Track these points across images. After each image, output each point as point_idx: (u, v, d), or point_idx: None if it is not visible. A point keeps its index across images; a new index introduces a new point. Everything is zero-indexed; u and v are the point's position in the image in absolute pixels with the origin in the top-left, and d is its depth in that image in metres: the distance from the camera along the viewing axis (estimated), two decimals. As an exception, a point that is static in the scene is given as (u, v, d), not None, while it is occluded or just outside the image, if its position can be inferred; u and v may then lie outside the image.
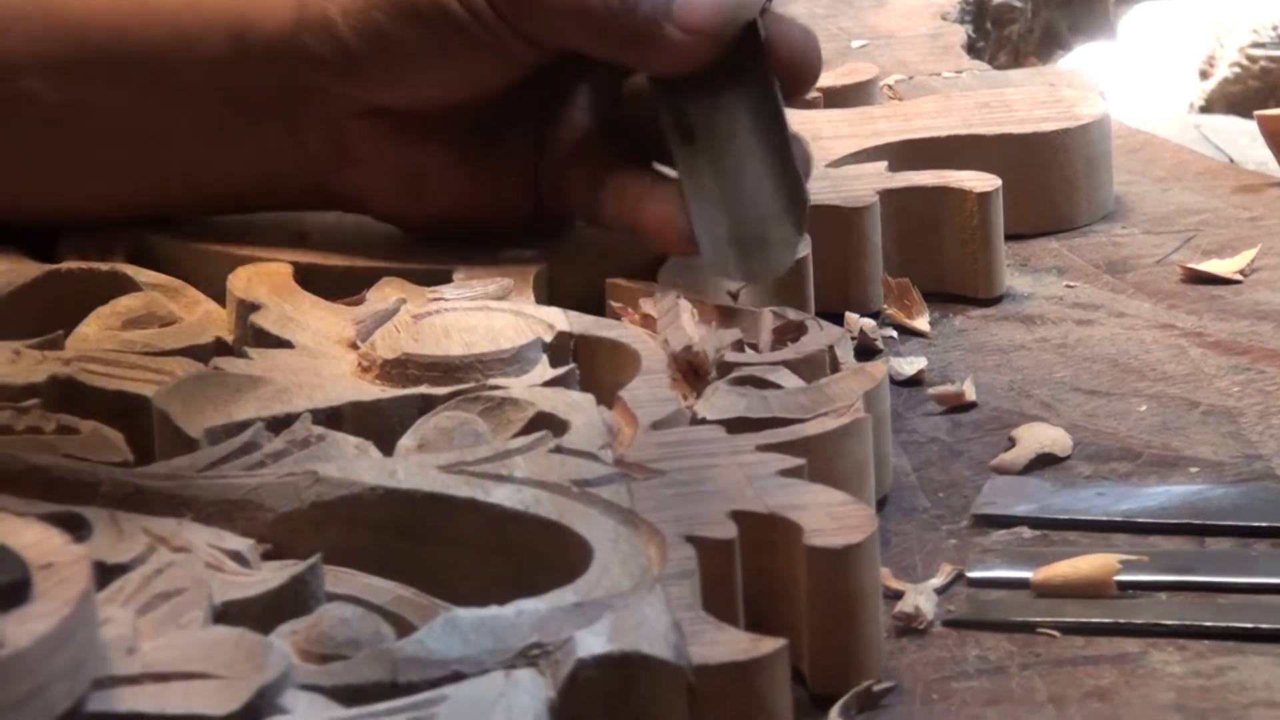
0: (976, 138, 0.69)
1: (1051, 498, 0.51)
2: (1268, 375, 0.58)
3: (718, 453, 0.47)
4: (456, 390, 0.50)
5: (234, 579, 0.42)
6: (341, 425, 0.49)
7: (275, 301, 0.55)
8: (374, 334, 0.53)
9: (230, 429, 0.48)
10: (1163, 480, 0.52)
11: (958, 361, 0.60)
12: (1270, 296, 0.63)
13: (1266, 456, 0.53)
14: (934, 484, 0.53)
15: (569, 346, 0.53)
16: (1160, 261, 0.66)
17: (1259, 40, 2.31)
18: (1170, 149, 0.77)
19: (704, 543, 0.43)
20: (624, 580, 0.41)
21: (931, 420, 0.56)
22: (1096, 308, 0.63)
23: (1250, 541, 0.49)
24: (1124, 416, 0.56)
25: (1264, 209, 0.70)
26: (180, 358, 0.52)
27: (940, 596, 0.47)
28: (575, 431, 0.48)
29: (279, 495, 0.45)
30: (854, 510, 0.45)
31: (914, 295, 0.63)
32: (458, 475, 0.45)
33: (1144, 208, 0.71)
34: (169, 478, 0.46)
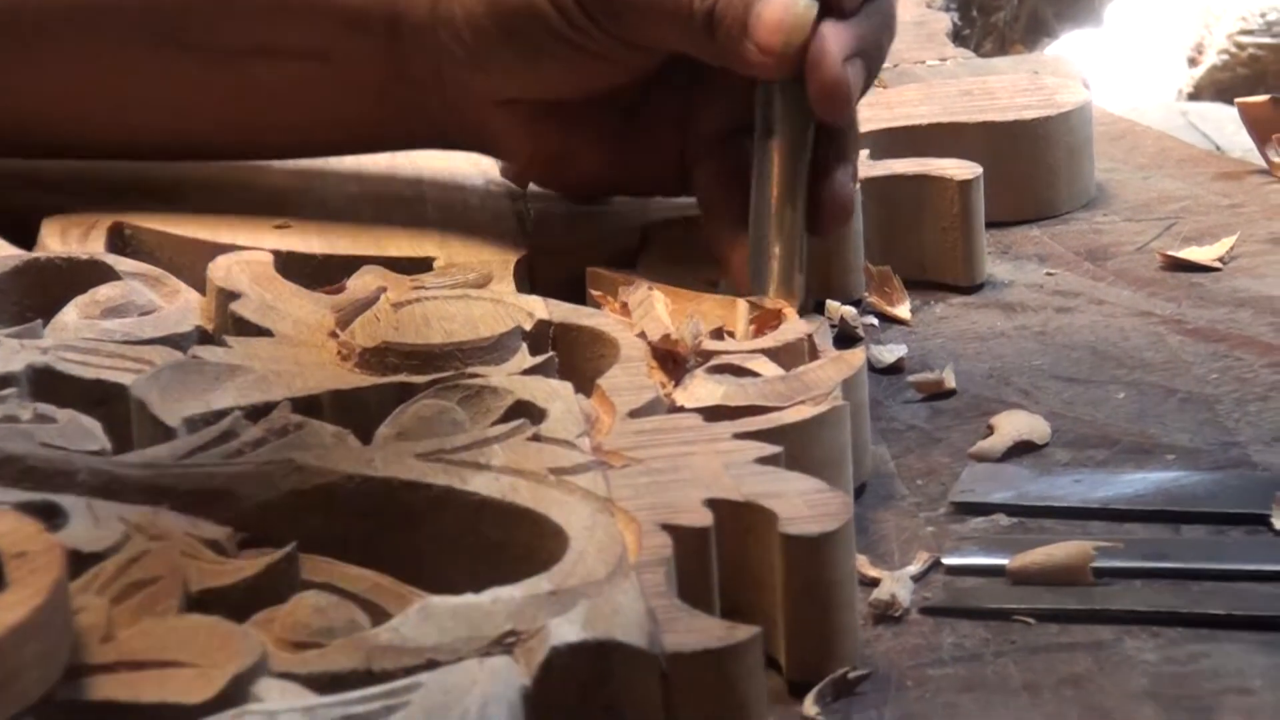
0: (958, 125, 0.69)
1: (1029, 485, 0.51)
2: (1245, 363, 0.58)
3: (695, 440, 0.47)
4: (436, 378, 0.50)
5: (210, 567, 0.42)
6: (320, 414, 0.49)
7: (255, 290, 0.55)
8: (354, 322, 0.53)
9: (209, 417, 0.48)
10: (1139, 467, 0.52)
11: (938, 349, 0.60)
12: (1249, 284, 0.63)
13: (1243, 444, 0.53)
14: (912, 471, 0.53)
15: (548, 335, 0.53)
16: (1140, 249, 0.66)
17: (1247, 27, 2.31)
18: (1152, 136, 0.77)
19: (680, 530, 0.43)
20: (599, 568, 0.42)
21: (911, 408, 0.56)
22: (1076, 295, 0.63)
23: (1225, 528, 0.49)
24: (1102, 404, 0.56)
25: (1245, 196, 0.70)
26: (159, 346, 0.52)
27: (916, 584, 0.47)
28: (553, 419, 0.48)
29: (256, 484, 0.45)
30: (830, 498, 0.45)
31: (895, 283, 0.63)
32: (435, 463, 0.46)
33: (1125, 195, 0.71)
34: (146, 466, 0.46)
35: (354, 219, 0.61)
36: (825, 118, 0.55)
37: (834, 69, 0.54)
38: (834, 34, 0.54)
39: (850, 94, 0.54)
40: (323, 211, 0.62)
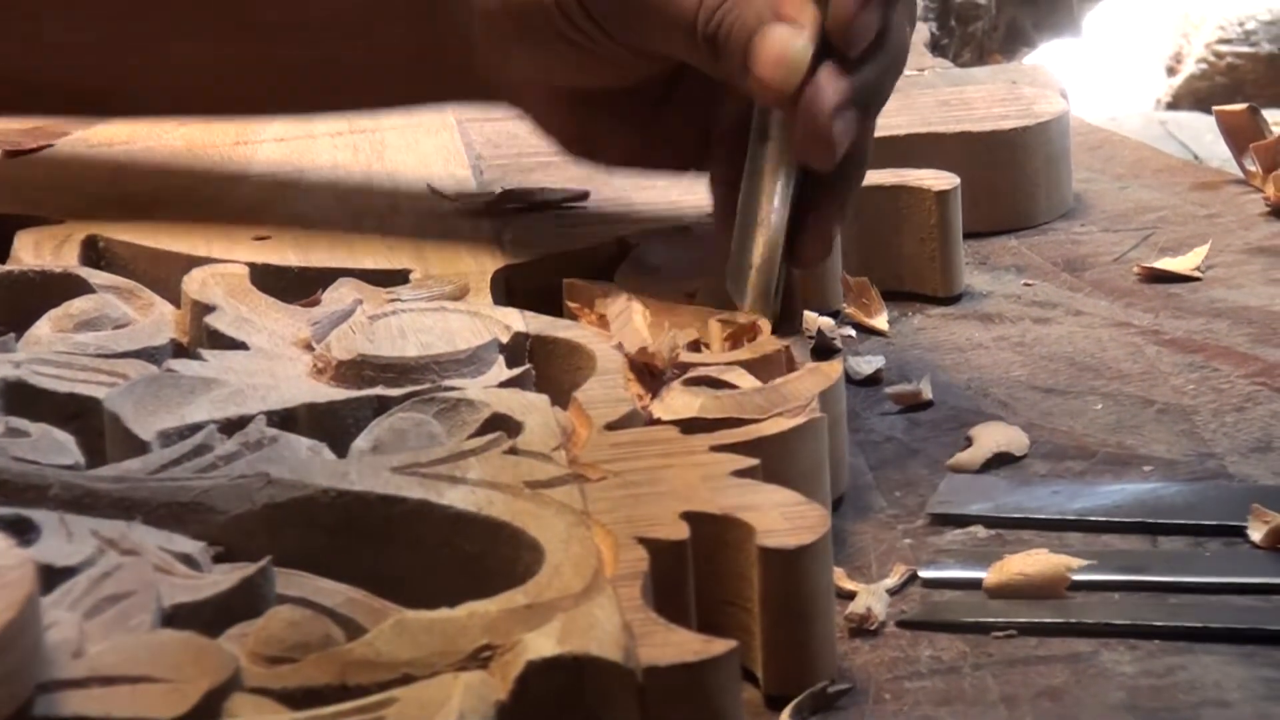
0: (936, 136, 0.69)
1: (1006, 496, 0.51)
2: (1221, 373, 0.58)
3: (672, 453, 0.47)
4: (412, 391, 0.50)
5: (183, 582, 0.42)
6: (296, 427, 0.49)
7: (230, 303, 0.55)
8: (330, 335, 0.53)
9: (183, 431, 0.48)
10: (1117, 479, 0.52)
11: (916, 360, 0.60)
12: (1226, 294, 0.63)
13: (1219, 455, 0.53)
14: (890, 483, 0.53)
15: (525, 347, 0.53)
16: (1118, 259, 0.66)
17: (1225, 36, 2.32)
18: (1130, 146, 0.77)
19: (656, 544, 0.43)
20: (575, 582, 0.41)
21: (889, 419, 0.56)
22: (1054, 306, 0.63)
23: (1203, 540, 0.49)
24: (1080, 415, 0.56)
25: (1221, 206, 0.70)
26: (133, 360, 0.52)
27: (893, 597, 0.47)
28: (530, 432, 0.48)
29: (231, 498, 0.45)
30: (807, 511, 0.45)
31: (873, 294, 0.63)
32: (411, 477, 0.45)
33: (1103, 205, 0.71)
34: (119, 480, 0.45)
35: (330, 231, 0.61)
36: (809, 164, 0.53)
37: (819, 119, 0.52)
38: (829, 81, 0.52)
39: (833, 145, 0.52)
40: (299, 224, 0.61)
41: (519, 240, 0.60)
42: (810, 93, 0.52)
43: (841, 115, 0.52)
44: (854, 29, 0.52)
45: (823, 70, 0.52)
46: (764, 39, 0.52)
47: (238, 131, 0.70)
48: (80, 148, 0.69)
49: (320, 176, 0.66)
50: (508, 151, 0.68)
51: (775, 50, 0.52)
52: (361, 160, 0.67)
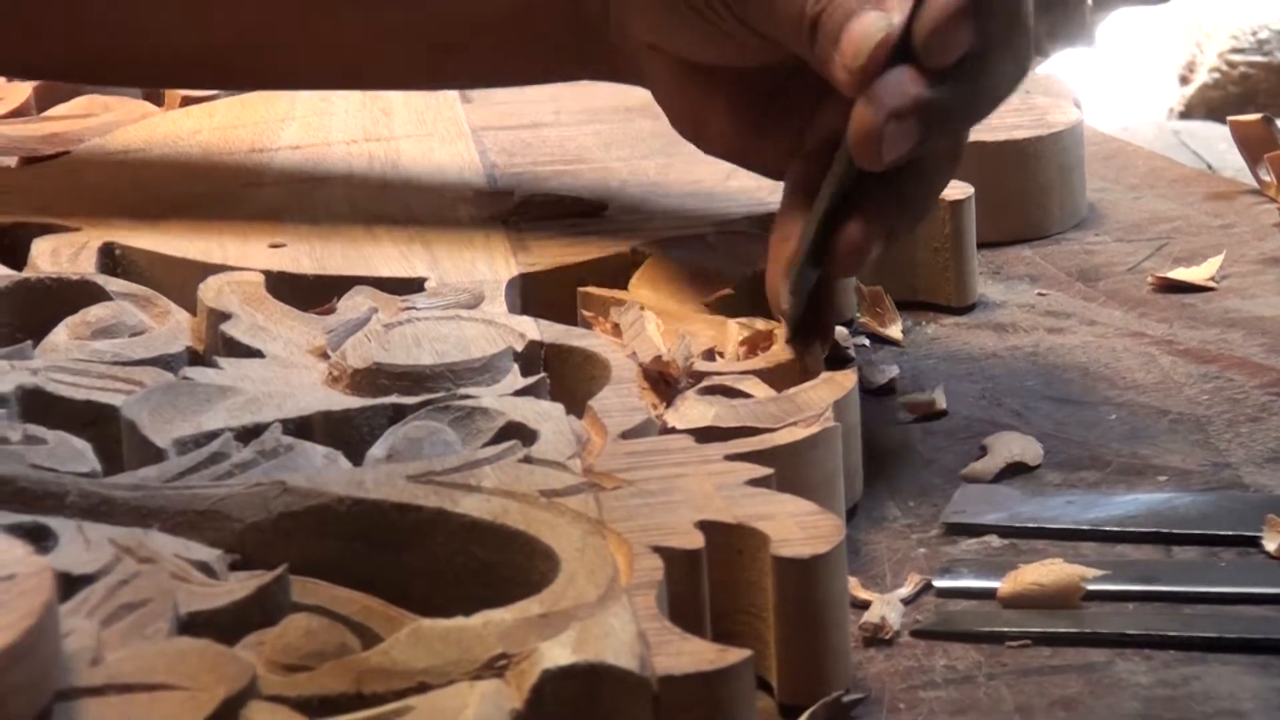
0: (949, 146, 0.69)
1: (1021, 506, 0.51)
2: (1236, 384, 0.58)
3: (686, 462, 0.47)
4: (427, 400, 0.50)
5: (200, 590, 0.42)
6: (312, 435, 0.49)
7: (246, 311, 0.55)
8: (345, 343, 0.53)
9: (199, 439, 0.48)
10: (1131, 489, 0.52)
11: (930, 370, 0.60)
12: (1240, 304, 0.63)
13: (1234, 465, 0.53)
14: (904, 493, 0.53)
15: (540, 355, 0.53)
16: (1132, 269, 0.66)
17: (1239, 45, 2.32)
18: (1143, 156, 0.77)
19: (671, 553, 0.43)
20: (590, 591, 0.41)
21: (903, 429, 0.56)
22: (1068, 316, 0.63)
23: (1217, 550, 0.49)
24: (1094, 425, 0.56)
25: (1236, 216, 0.70)
26: (150, 367, 0.52)
27: (907, 607, 0.47)
28: (544, 441, 0.48)
29: (247, 506, 0.45)
30: (822, 520, 0.45)
31: (887, 303, 0.63)
32: (426, 485, 0.45)
33: (1117, 215, 0.71)
34: (136, 488, 0.45)
35: (345, 239, 0.61)
36: (856, 158, 0.52)
37: (873, 114, 0.50)
38: (898, 80, 0.50)
39: (879, 144, 0.50)
40: (314, 232, 0.62)
41: (534, 249, 0.60)
42: (875, 86, 0.51)
43: (900, 119, 0.50)
44: (936, 37, 0.50)
45: (896, 69, 0.51)
46: (854, 22, 0.51)
47: (253, 139, 0.70)
48: (97, 155, 0.70)
49: (335, 185, 0.66)
50: (522, 160, 0.68)
51: (858, 31, 0.51)
52: (376, 169, 0.67)
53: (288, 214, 0.63)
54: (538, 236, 0.61)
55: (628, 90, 0.75)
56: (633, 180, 0.66)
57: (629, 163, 0.68)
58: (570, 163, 0.68)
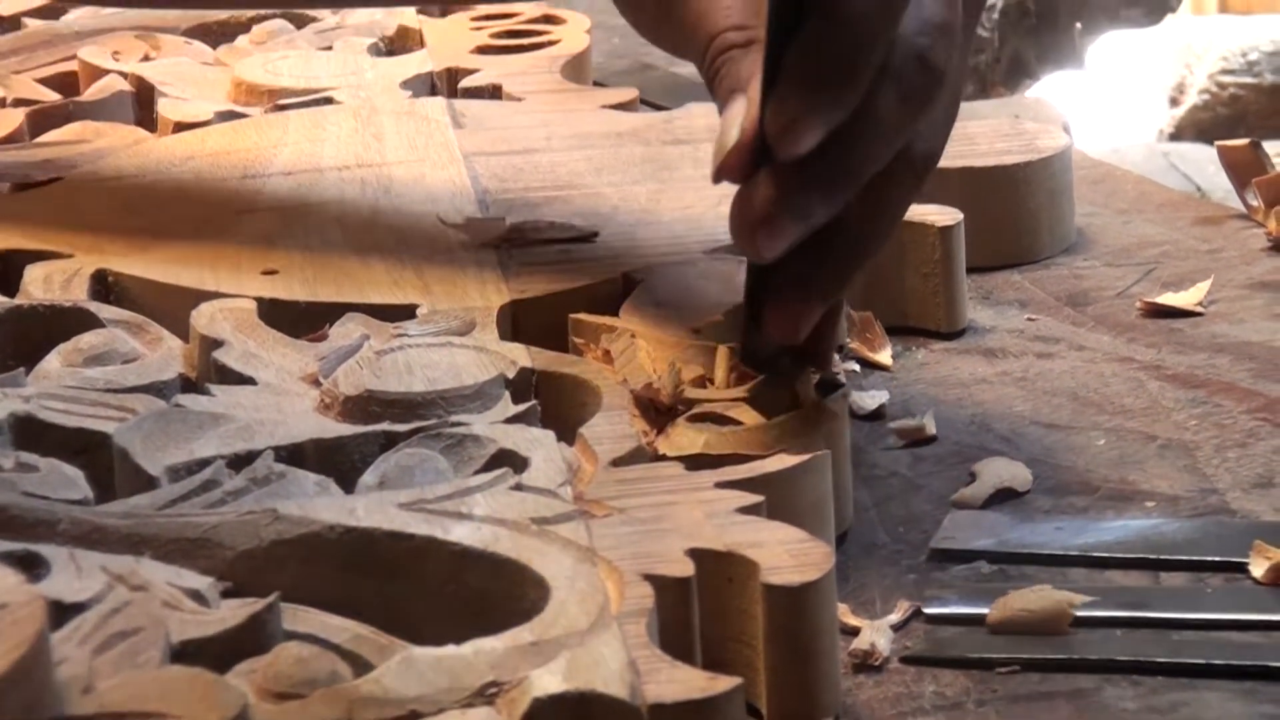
0: (939, 171, 0.69)
1: (1010, 532, 0.52)
2: (1224, 409, 0.58)
3: (677, 490, 0.47)
4: (418, 427, 0.50)
5: (192, 618, 0.42)
6: (304, 462, 0.49)
7: (238, 338, 0.55)
8: (337, 370, 0.53)
9: (191, 466, 0.48)
10: (1119, 514, 0.53)
11: (919, 395, 0.60)
12: (1228, 329, 0.63)
13: (1221, 490, 0.53)
14: (894, 519, 0.53)
15: (531, 382, 0.54)
16: (1121, 294, 0.67)
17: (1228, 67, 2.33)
18: (1132, 180, 0.77)
19: (661, 581, 0.43)
20: (581, 619, 0.42)
21: (892, 454, 0.57)
22: (1057, 341, 0.64)
23: (1204, 576, 0.49)
24: (1083, 450, 0.56)
25: (1224, 240, 0.70)
26: (142, 394, 0.52)
27: (897, 633, 0.47)
28: (535, 468, 0.48)
29: (238, 533, 0.45)
30: (812, 547, 0.45)
31: (876, 329, 0.63)
32: (417, 513, 0.46)
33: (1105, 240, 0.71)
34: (128, 515, 0.46)
35: (337, 266, 0.61)
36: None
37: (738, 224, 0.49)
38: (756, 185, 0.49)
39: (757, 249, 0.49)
40: (306, 258, 0.62)
41: (525, 276, 0.61)
42: (741, 192, 0.50)
43: (768, 223, 0.49)
44: (782, 137, 0.48)
45: (760, 174, 0.49)
46: (726, 110, 0.50)
47: (246, 165, 0.70)
48: (89, 181, 0.70)
49: (327, 211, 0.66)
50: (514, 186, 0.68)
51: (723, 126, 0.50)
52: (368, 195, 0.67)
53: (280, 240, 0.63)
54: (529, 263, 0.61)
55: (619, 116, 0.75)
56: (624, 206, 0.66)
57: (620, 188, 0.68)
58: (562, 188, 0.68)
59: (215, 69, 0.82)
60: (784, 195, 0.49)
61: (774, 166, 0.49)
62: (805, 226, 0.50)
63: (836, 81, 0.48)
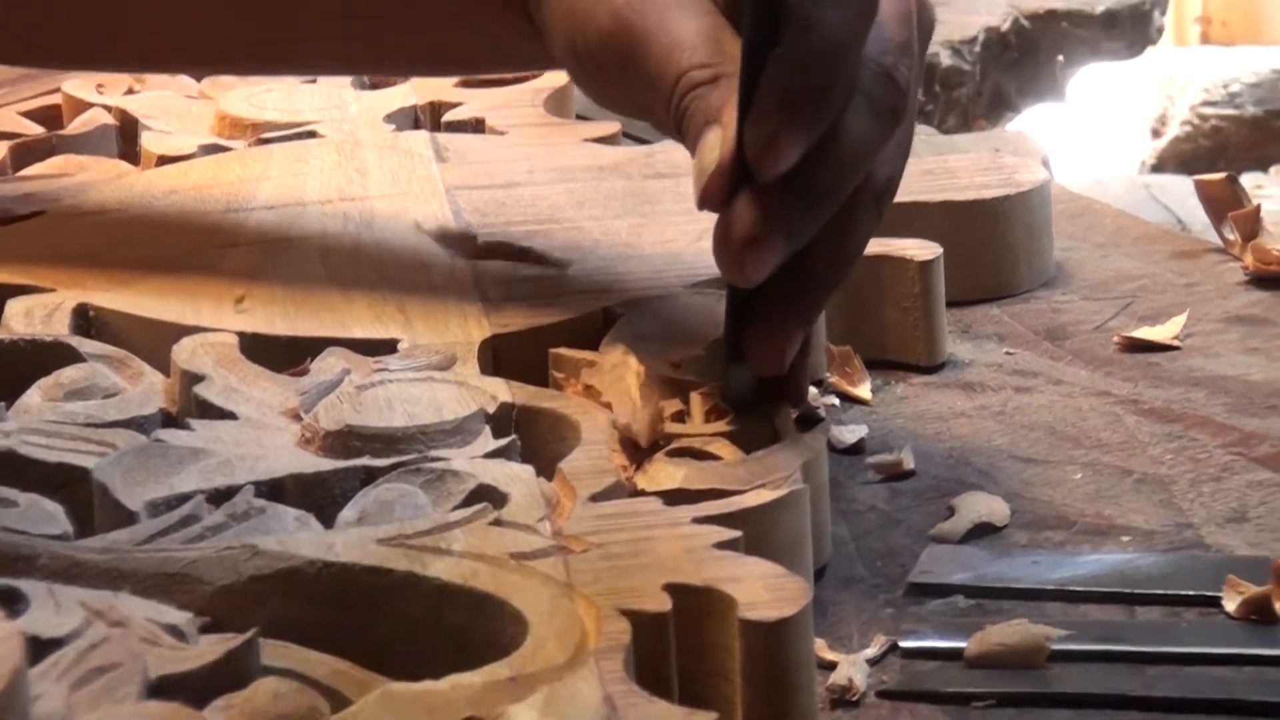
0: (919, 205, 0.70)
1: (987, 566, 0.52)
2: (1199, 443, 0.58)
3: (655, 525, 0.48)
4: (398, 462, 0.51)
5: (169, 653, 0.42)
6: (284, 497, 0.49)
7: (219, 372, 0.55)
8: (317, 405, 0.53)
9: (171, 501, 0.49)
10: (1095, 549, 0.53)
11: (898, 429, 0.60)
12: (1204, 363, 0.64)
13: (1196, 525, 0.54)
14: (872, 553, 0.53)
15: (511, 417, 0.54)
16: (1098, 328, 0.67)
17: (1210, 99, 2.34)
18: (1111, 214, 0.78)
19: (638, 616, 0.44)
20: (558, 654, 0.42)
21: (871, 489, 0.57)
22: (1035, 375, 0.64)
23: (1179, 610, 0.49)
24: (1059, 485, 0.57)
25: (1201, 275, 0.71)
26: (122, 429, 0.53)
27: (873, 667, 0.48)
28: (515, 504, 0.48)
29: (217, 568, 0.45)
30: (789, 582, 0.45)
31: (856, 363, 0.63)
32: (396, 548, 0.46)
33: (1084, 274, 0.72)
34: (107, 550, 0.46)
35: (319, 301, 0.61)
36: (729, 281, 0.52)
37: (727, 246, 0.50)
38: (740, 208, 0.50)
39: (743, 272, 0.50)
40: (288, 293, 0.62)
41: (506, 310, 0.61)
42: (723, 217, 0.50)
43: (755, 244, 0.50)
44: (763, 155, 0.49)
45: (741, 196, 0.50)
46: (701, 141, 0.51)
47: (228, 198, 0.70)
48: (72, 215, 0.70)
49: (309, 245, 0.66)
50: (496, 220, 0.69)
51: (701, 154, 0.51)
52: (350, 229, 0.68)
53: (262, 275, 0.64)
54: (510, 298, 0.62)
55: (601, 150, 0.76)
56: (605, 240, 0.66)
57: (601, 222, 0.68)
58: (543, 222, 0.68)
59: (200, 102, 0.82)
60: (768, 216, 0.50)
61: (755, 189, 0.50)
62: (790, 246, 0.51)
63: (814, 96, 0.50)
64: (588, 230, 0.68)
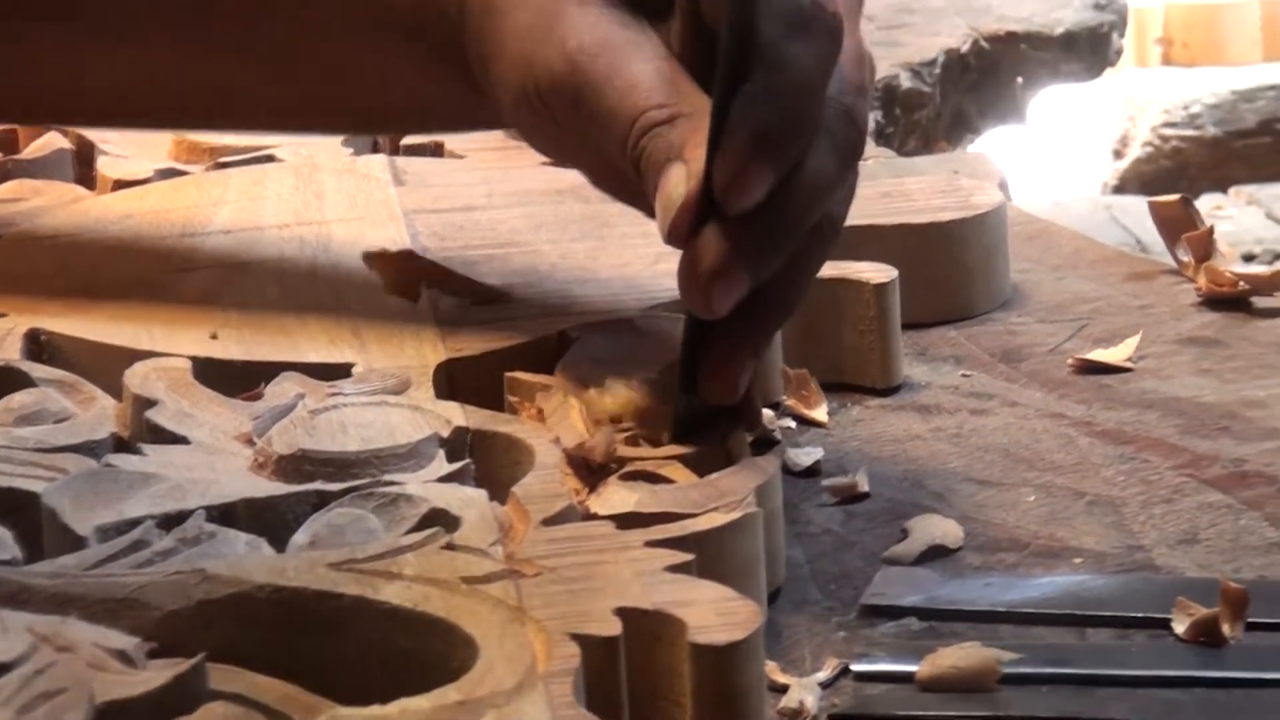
0: (876, 228, 0.70)
1: (940, 589, 0.52)
2: (1151, 465, 0.59)
3: (607, 549, 0.48)
4: (351, 486, 0.50)
5: (116, 678, 0.42)
6: (235, 522, 0.49)
7: (172, 397, 0.55)
8: (271, 429, 0.53)
9: (121, 526, 0.48)
10: (1048, 571, 0.53)
11: (854, 452, 0.61)
12: (1156, 385, 0.64)
13: (1147, 547, 0.54)
14: (826, 575, 0.53)
15: (466, 441, 0.54)
16: (1053, 350, 0.67)
17: (1171, 120, 2.35)
18: (1067, 236, 0.78)
19: (589, 640, 0.44)
20: (508, 678, 0.42)
21: (826, 511, 0.57)
22: (990, 397, 0.64)
23: (1129, 632, 0.50)
24: (1013, 507, 0.57)
25: (1155, 296, 0.71)
26: (72, 454, 0.52)
27: (825, 690, 0.48)
28: (467, 528, 0.48)
29: (166, 593, 0.45)
30: (739, 606, 0.45)
31: (812, 386, 0.64)
32: (347, 573, 0.46)
33: (1040, 296, 0.72)
34: (55, 576, 0.46)
35: (274, 324, 0.61)
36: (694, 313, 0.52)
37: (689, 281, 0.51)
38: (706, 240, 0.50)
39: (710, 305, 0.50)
40: (243, 317, 0.62)
41: (462, 334, 0.61)
42: (689, 250, 0.51)
43: (721, 277, 0.50)
44: (732, 188, 0.50)
45: (707, 229, 0.50)
46: (663, 178, 0.51)
47: (185, 223, 0.70)
48: (26, 239, 0.70)
49: (266, 269, 0.66)
50: (454, 244, 0.69)
51: (664, 191, 0.51)
52: (307, 253, 0.68)
53: (217, 299, 0.63)
54: (466, 322, 0.62)
55: (559, 173, 0.76)
56: (562, 264, 0.66)
57: (559, 245, 0.68)
58: (501, 246, 0.68)
59: (157, 126, 0.82)
60: (735, 250, 0.51)
61: (721, 224, 0.51)
62: (754, 279, 0.51)
63: (784, 131, 0.50)
64: (545, 254, 0.68)
